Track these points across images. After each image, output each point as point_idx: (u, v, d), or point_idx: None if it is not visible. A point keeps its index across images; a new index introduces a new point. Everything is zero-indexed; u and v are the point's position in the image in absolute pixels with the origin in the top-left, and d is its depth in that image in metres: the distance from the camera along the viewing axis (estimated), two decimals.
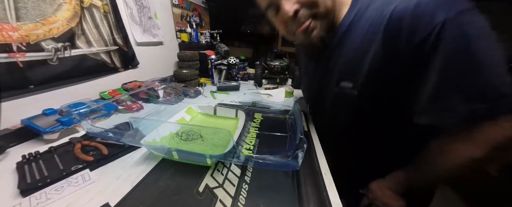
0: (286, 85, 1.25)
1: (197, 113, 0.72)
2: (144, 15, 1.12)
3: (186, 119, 0.67)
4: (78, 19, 0.77)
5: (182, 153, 0.45)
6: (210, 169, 0.46)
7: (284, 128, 0.63)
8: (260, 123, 0.67)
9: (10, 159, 0.48)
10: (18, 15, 0.60)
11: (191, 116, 0.69)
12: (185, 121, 0.66)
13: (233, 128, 0.62)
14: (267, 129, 0.63)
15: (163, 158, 0.48)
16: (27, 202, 0.36)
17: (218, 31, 1.55)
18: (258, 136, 0.59)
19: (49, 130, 0.54)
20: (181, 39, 1.42)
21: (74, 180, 0.42)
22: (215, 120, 0.70)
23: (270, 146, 0.55)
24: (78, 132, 0.60)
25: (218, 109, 0.71)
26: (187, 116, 0.68)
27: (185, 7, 1.48)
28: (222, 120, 0.69)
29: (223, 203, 0.38)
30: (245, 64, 1.44)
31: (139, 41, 1.08)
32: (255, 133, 0.60)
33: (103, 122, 0.67)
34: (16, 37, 0.60)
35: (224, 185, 0.42)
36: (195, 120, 0.69)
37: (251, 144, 0.54)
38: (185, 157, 0.46)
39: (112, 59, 0.93)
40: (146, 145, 0.46)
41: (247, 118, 0.64)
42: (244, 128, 0.59)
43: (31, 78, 0.64)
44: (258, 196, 0.39)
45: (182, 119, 0.66)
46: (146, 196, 0.38)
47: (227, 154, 0.41)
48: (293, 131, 0.59)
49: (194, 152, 0.44)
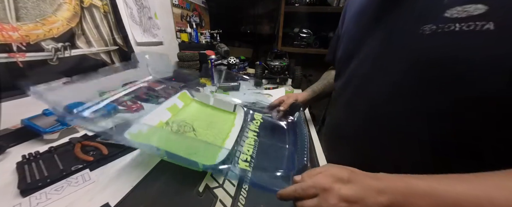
0: (286, 85, 1.25)
1: (191, 100, 0.64)
2: (144, 15, 1.12)
3: (178, 106, 0.59)
4: (78, 19, 0.77)
5: (172, 156, 0.39)
6: None
7: (283, 136, 0.56)
8: (259, 126, 0.59)
9: (10, 159, 0.48)
10: (18, 15, 0.60)
11: (184, 103, 0.62)
12: (177, 109, 0.58)
13: (230, 124, 0.56)
14: (267, 135, 0.56)
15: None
16: (27, 202, 0.36)
17: (218, 31, 1.54)
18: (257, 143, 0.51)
19: (49, 130, 0.54)
20: (181, 39, 1.42)
21: (74, 180, 0.42)
22: (210, 111, 0.62)
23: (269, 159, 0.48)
24: (78, 132, 0.60)
25: (215, 101, 0.64)
26: (180, 103, 0.60)
27: (185, 7, 1.48)
28: (218, 112, 0.62)
29: (223, 203, 0.38)
30: (245, 64, 1.44)
31: (139, 41, 1.08)
32: (253, 138, 0.53)
33: (103, 122, 0.67)
34: (16, 37, 0.60)
35: (224, 185, 0.42)
36: (188, 108, 0.61)
37: (248, 153, 0.47)
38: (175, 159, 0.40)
39: (112, 59, 0.93)
40: (131, 140, 0.39)
41: (246, 118, 0.59)
42: (242, 128, 0.53)
43: (31, 78, 0.64)
44: (258, 196, 0.39)
45: (174, 106, 0.58)
46: (146, 196, 0.38)
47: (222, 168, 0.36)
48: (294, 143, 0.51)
49: (185, 158, 0.37)
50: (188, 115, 0.56)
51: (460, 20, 0.25)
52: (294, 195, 0.27)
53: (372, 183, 0.25)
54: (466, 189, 0.21)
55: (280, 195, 0.29)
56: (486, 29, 0.23)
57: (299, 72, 1.18)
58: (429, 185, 0.22)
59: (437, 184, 0.22)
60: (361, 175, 0.26)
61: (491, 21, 0.23)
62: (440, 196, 0.21)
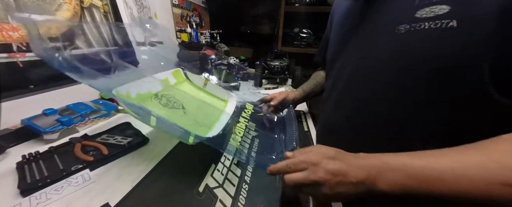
0: (286, 85, 1.25)
1: (184, 79, 0.62)
2: (144, 15, 1.12)
3: (170, 81, 0.58)
4: (78, 19, 0.77)
5: (163, 122, 0.36)
6: (210, 169, 0.46)
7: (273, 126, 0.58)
8: (250, 115, 0.60)
9: (10, 159, 0.48)
10: None
11: (176, 80, 0.61)
12: (168, 83, 0.56)
13: (221, 110, 0.54)
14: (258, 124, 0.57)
15: (163, 158, 0.48)
16: (27, 202, 0.36)
17: (218, 31, 1.54)
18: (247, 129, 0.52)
19: (49, 130, 0.54)
20: (181, 39, 1.42)
21: (74, 180, 0.42)
22: (203, 93, 0.61)
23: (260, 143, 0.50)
24: (78, 132, 0.60)
25: (209, 85, 0.62)
26: (173, 79, 0.60)
27: (185, 7, 1.48)
28: (210, 97, 0.61)
29: (223, 203, 0.38)
30: (245, 64, 1.44)
31: (139, 41, 1.08)
32: (244, 123, 0.53)
33: (103, 122, 0.67)
34: (16, 37, 0.60)
35: (224, 185, 0.42)
36: (180, 86, 0.60)
37: (239, 135, 0.48)
38: (164, 127, 0.38)
39: (112, 59, 0.93)
40: (118, 97, 0.37)
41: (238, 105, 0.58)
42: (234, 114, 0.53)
43: (31, 78, 0.64)
44: (258, 196, 0.39)
45: (166, 80, 0.57)
46: (146, 196, 0.38)
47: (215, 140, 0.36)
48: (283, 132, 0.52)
49: (178, 125, 0.35)
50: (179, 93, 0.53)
51: (429, 20, 0.28)
52: (286, 170, 0.31)
53: (354, 160, 0.29)
54: (433, 162, 0.25)
55: (270, 171, 0.33)
56: (450, 26, 0.26)
57: (299, 72, 1.18)
58: (402, 160, 0.26)
59: (409, 159, 0.26)
60: (346, 154, 0.30)
61: (454, 19, 0.26)
62: (410, 168, 0.25)
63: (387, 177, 0.26)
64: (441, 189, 0.24)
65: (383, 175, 0.26)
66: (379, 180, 0.26)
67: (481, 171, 0.22)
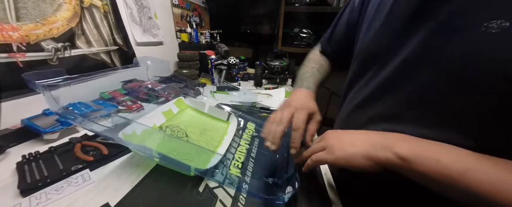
0: (286, 85, 1.25)
1: (187, 106, 0.66)
2: (144, 15, 1.12)
3: (173, 111, 0.61)
4: (78, 19, 0.77)
5: (165, 159, 0.39)
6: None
7: None
8: (251, 136, 0.59)
9: (10, 159, 0.48)
10: (18, 15, 0.60)
11: (179, 109, 0.63)
12: (171, 114, 0.59)
13: (222, 133, 0.57)
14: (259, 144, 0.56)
15: None
16: (27, 202, 0.36)
17: (218, 31, 1.55)
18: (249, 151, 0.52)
19: (49, 130, 0.54)
20: (181, 39, 1.42)
21: (74, 180, 0.42)
22: (205, 118, 0.64)
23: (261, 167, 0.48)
24: (78, 132, 0.60)
25: (210, 109, 0.66)
26: (175, 108, 0.62)
27: (185, 7, 1.48)
28: (212, 120, 0.64)
29: (223, 203, 0.38)
30: (245, 64, 1.44)
31: (139, 41, 1.08)
32: (245, 146, 0.54)
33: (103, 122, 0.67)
34: (16, 37, 0.60)
35: (224, 185, 0.42)
36: (183, 114, 0.63)
37: (240, 160, 0.48)
38: (168, 162, 0.41)
39: (112, 59, 0.93)
40: (125, 140, 0.39)
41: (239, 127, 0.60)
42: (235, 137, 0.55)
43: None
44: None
45: (169, 111, 0.60)
46: (146, 196, 0.38)
47: (213, 172, 0.38)
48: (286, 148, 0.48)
49: (178, 160, 0.39)
50: (183, 120, 0.57)
51: None
52: (312, 152, 0.35)
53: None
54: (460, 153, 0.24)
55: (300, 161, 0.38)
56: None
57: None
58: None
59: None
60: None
61: None
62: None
63: (410, 143, 0.27)
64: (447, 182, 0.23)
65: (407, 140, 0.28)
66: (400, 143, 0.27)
67: None
